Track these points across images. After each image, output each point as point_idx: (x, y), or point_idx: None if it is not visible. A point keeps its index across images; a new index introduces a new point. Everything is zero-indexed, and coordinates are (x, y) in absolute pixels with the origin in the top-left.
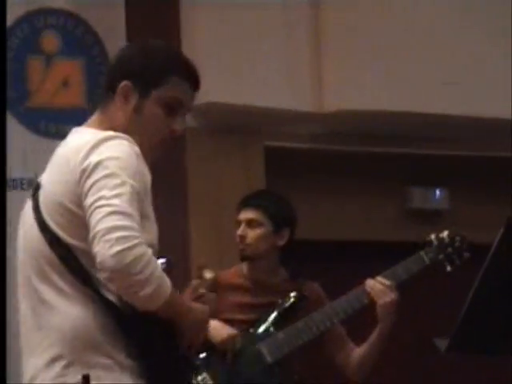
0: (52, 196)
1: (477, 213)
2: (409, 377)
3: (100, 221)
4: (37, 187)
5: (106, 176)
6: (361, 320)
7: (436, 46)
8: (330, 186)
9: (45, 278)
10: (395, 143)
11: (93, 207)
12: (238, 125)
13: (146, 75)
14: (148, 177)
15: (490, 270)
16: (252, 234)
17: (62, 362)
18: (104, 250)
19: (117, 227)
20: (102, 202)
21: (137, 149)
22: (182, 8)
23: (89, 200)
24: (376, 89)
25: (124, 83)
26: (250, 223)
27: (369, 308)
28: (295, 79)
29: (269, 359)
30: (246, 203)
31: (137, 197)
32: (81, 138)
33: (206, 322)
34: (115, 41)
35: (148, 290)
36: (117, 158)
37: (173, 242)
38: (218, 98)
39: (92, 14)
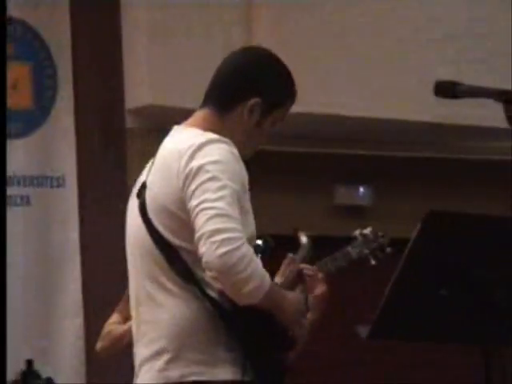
0: (157, 199)
1: (398, 208)
2: (337, 365)
3: (205, 223)
4: (143, 187)
5: (209, 179)
6: None
7: (361, 52)
8: (263, 183)
9: (152, 277)
10: (322, 144)
11: (197, 209)
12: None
13: (275, 98)
14: (245, 176)
15: (408, 262)
16: None
17: (166, 357)
18: (210, 251)
19: (221, 229)
20: (206, 204)
21: (235, 151)
22: (122, 11)
23: (193, 203)
24: (303, 92)
25: (255, 101)
26: None
27: None
28: None
29: None
30: None
31: (236, 196)
32: (182, 139)
33: (303, 311)
34: (60, 46)
35: (250, 287)
36: (217, 162)
37: (114, 232)
38: (156, 100)
39: (39, 21)
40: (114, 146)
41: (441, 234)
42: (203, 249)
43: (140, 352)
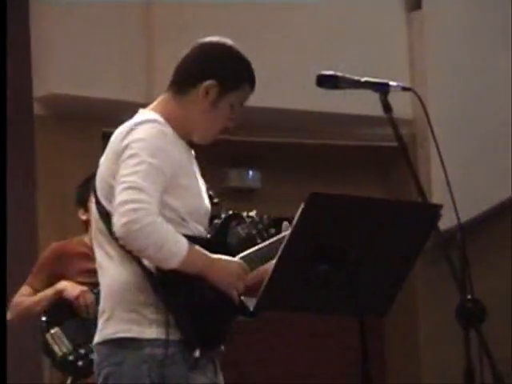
0: (101, 174)
1: (283, 191)
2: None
3: (118, 195)
4: (98, 166)
5: (129, 156)
6: None
7: (250, 47)
8: None
9: (100, 246)
10: None
11: (117, 183)
12: (78, 113)
13: (229, 80)
14: (177, 154)
15: (292, 239)
16: None
17: (104, 316)
18: (116, 221)
19: (127, 201)
20: (122, 179)
21: (167, 130)
22: (31, 3)
23: (117, 177)
24: None
25: (210, 82)
26: None
27: None
28: (129, 73)
29: None
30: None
31: (156, 172)
32: (132, 119)
33: (238, 274)
34: None
35: (159, 254)
36: (140, 140)
37: (23, 217)
38: (61, 89)
39: None
40: (23, 130)
41: (321, 214)
42: (114, 219)
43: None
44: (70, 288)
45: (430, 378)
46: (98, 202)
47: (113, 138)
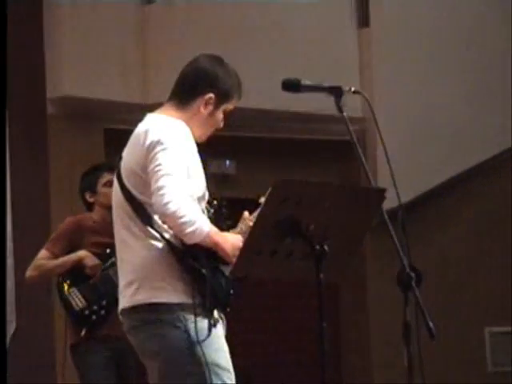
0: (127, 165)
1: (255, 177)
2: None
3: (155, 182)
4: (120, 159)
5: (161, 150)
6: None
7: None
8: None
9: (126, 226)
10: None
11: (152, 172)
12: (83, 112)
13: (224, 94)
14: (193, 148)
15: (261, 217)
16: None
17: (135, 286)
18: (157, 203)
19: (165, 185)
20: (157, 168)
21: (186, 129)
22: (45, 10)
23: (150, 167)
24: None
25: (210, 95)
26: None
27: None
28: (128, 77)
29: (115, 279)
30: (103, 168)
31: (182, 163)
32: (148, 122)
33: (239, 246)
34: None
35: (190, 229)
36: (170, 136)
37: (38, 204)
38: (70, 92)
39: None
40: (38, 128)
41: (286, 196)
42: (153, 200)
43: (120, 283)
44: (88, 258)
45: (376, 330)
46: (124, 189)
47: (138, 136)
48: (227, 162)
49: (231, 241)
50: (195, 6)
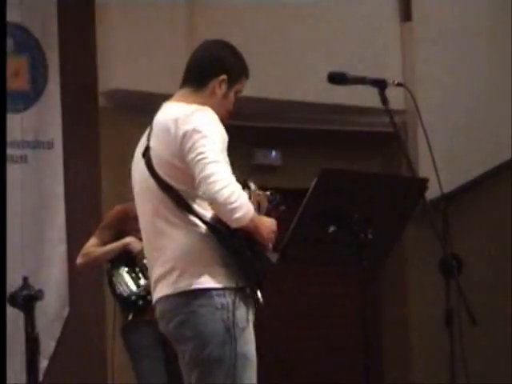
0: (160, 155)
1: (300, 167)
2: None
3: (203, 169)
4: (147, 149)
5: (201, 137)
6: None
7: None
8: None
9: (161, 215)
10: (246, 118)
11: (195, 160)
12: (133, 104)
13: (236, 75)
14: (225, 136)
15: (307, 206)
16: None
17: (177, 273)
18: (209, 190)
19: (215, 173)
20: (201, 156)
21: (216, 117)
22: (97, 10)
23: (191, 156)
24: None
25: (223, 77)
26: None
27: None
28: (176, 71)
29: None
30: None
31: (220, 149)
32: (173, 111)
33: (274, 229)
34: (50, 43)
35: (240, 214)
36: (205, 124)
37: (89, 193)
38: (121, 85)
39: (33, 24)
40: (90, 119)
41: (330, 185)
42: (203, 188)
43: (155, 272)
44: (134, 243)
45: (417, 317)
46: (158, 178)
47: (167, 126)
48: (273, 153)
49: (266, 224)
50: (240, 2)
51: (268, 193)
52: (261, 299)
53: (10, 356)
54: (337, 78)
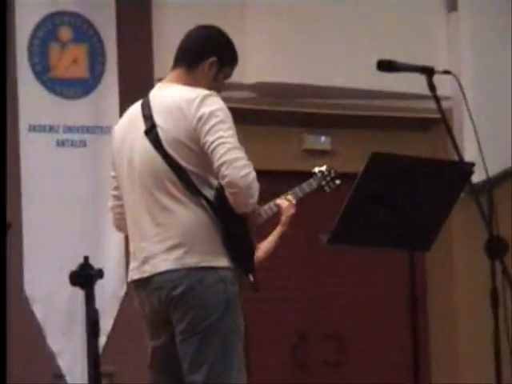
0: (170, 133)
1: (349, 151)
2: (301, 265)
3: (226, 153)
4: (152, 126)
5: (220, 122)
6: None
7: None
8: (251, 131)
9: (166, 191)
10: (296, 104)
11: (215, 144)
12: None
13: (226, 57)
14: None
15: (357, 188)
16: None
17: (183, 249)
18: (234, 174)
19: (240, 158)
20: (222, 140)
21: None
22: (153, 7)
23: (209, 139)
24: (282, 67)
25: (213, 59)
26: None
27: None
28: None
29: None
30: None
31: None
32: (178, 92)
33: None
34: (108, 31)
35: (254, 199)
36: (221, 109)
37: None
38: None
39: (92, 13)
40: None
41: (380, 168)
42: (227, 172)
43: (151, 247)
44: None
45: (462, 298)
46: (167, 156)
47: (179, 106)
48: (322, 138)
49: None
50: None
51: (325, 167)
52: (252, 279)
53: (69, 336)
54: (386, 66)
